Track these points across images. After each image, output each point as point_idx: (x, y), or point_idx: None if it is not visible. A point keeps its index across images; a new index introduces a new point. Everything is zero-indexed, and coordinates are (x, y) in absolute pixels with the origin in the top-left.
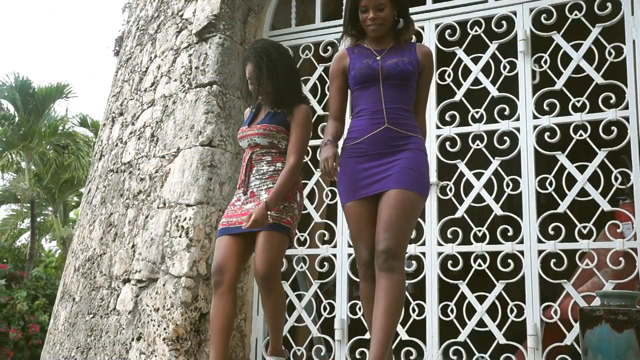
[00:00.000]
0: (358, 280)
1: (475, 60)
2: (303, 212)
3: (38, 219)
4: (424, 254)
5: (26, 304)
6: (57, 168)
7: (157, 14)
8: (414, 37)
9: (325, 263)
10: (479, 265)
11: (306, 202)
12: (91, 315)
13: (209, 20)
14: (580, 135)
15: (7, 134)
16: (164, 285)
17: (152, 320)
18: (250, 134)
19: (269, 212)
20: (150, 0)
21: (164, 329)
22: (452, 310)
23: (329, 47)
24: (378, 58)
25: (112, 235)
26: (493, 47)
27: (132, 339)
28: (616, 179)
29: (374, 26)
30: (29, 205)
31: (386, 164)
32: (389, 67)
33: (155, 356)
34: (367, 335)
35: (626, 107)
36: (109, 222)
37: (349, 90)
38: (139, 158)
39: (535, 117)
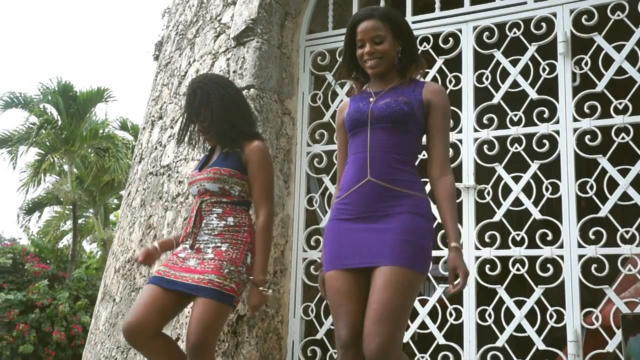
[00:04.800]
0: None
1: (514, 63)
2: None
3: (79, 221)
4: None
5: (68, 305)
6: (97, 171)
7: (195, 18)
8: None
9: None
10: (518, 269)
11: None
12: None
13: (246, 24)
14: (622, 138)
15: (50, 137)
16: None
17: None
18: (200, 178)
19: (222, 277)
20: (189, 5)
21: None
22: (489, 315)
23: None
24: (371, 99)
25: (151, 237)
26: (532, 49)
27: None
28: None
29: (372, 61)
30: (71, 207)
31: (376, 231)
32: (379, 108)
33: None
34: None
35: None
36: (148, 224)
37: None
38: (177, 161)
39: (575, 120)
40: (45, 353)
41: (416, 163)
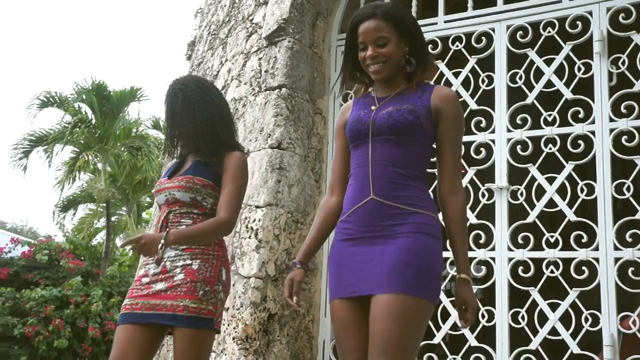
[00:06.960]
0: None
1: (548, 62)
2: None
3: (113, 219)
4: (493, 259)
5: (101, 303)
6: (130, 169)
7: (227, 18)
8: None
9: None
10: (552, 271)
11: None
12: None
13: (278, 24)
14: None
15: (84, 136)
16: (233, 285)
17: (222, 319)
18: (170, 187)
19: (197, 301)
20: (221, 5)
21: (234, 328)
22: (522, 317)
23: None
24: (373, 107)
25: None
26: (567, 48)
27: None
28: None
29: (375, 66)
30: (104, 205)
31: (377, 254)
32: (381, 118)
33: (225, 354)
34: (435, 340)
35: None
36: None
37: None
38: None
39: (611, 120)
40: (81, 348)
41: (425, 176)
